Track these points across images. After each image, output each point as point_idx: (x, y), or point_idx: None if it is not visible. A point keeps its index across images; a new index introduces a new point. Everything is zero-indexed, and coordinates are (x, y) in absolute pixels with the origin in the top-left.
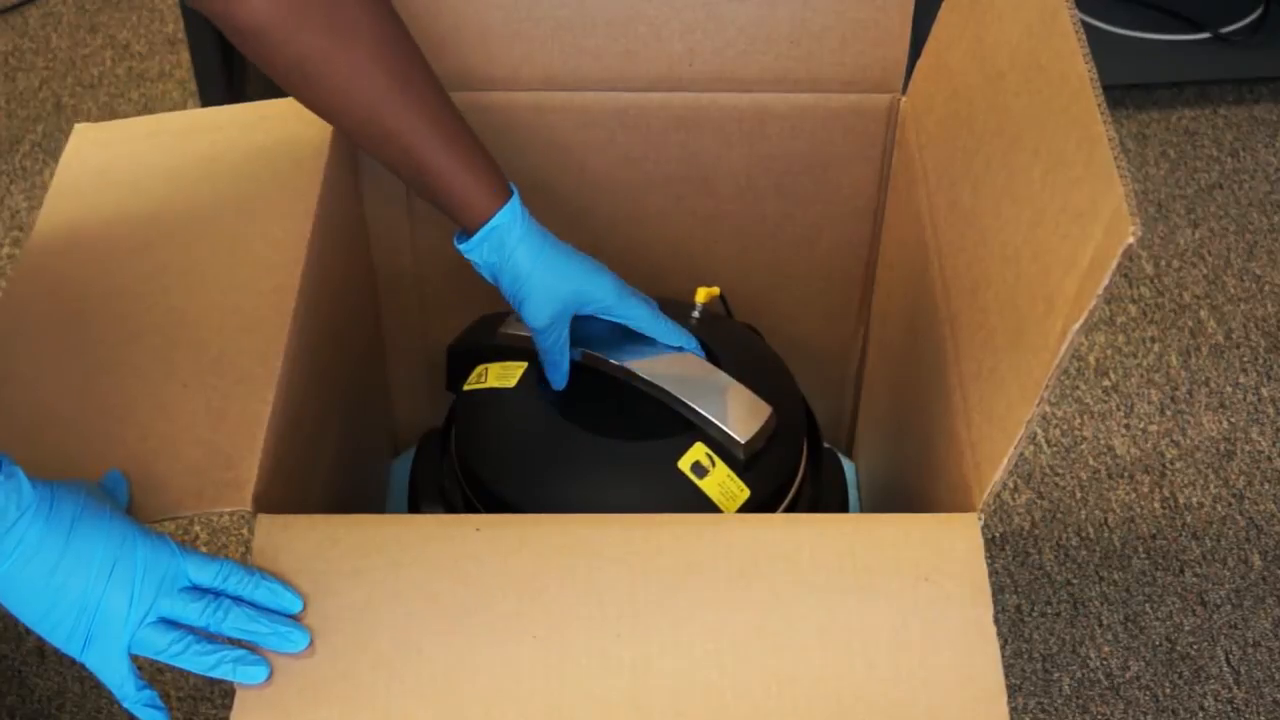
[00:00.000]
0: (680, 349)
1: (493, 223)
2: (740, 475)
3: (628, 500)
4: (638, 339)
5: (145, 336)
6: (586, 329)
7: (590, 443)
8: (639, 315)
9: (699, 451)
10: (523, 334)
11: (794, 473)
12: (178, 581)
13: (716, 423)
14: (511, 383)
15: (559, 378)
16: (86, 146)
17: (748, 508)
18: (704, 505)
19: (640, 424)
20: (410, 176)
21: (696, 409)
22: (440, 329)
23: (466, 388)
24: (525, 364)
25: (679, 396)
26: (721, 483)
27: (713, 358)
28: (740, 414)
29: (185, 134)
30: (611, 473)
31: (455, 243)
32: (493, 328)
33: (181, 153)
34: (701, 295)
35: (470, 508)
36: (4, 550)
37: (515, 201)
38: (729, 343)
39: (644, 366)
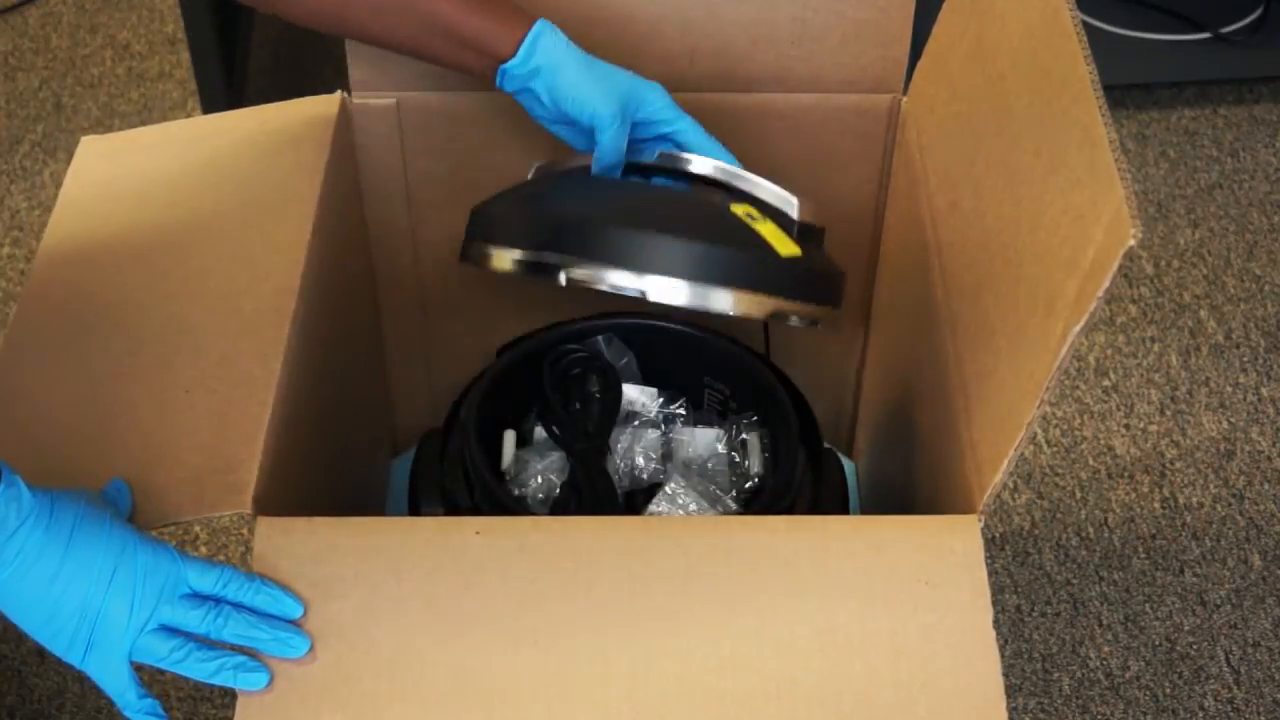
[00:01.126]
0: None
1: (533, 33)
2: (791, 237)
3: (686, 229)
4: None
5: (148, 345)
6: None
7: (646, 190)
8: (690, 128)
9: (750, 207)
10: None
11: (842, 278)
12: (178, 588)
13: (768, 194)
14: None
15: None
16: (92, 159)
17: (801, 266)
18: (757, 245)
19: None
20: (429, 41)
21: (750, 183)
22: (440, 329)
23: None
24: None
25: (730, 178)
26: (773, 231)
27: None
28: (790, 199)
29: (188, 142)
30: (668, 210)
31: (497, 84)
32: None
33: (184, 160)
34: None
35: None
36: (4, 559)
37: (547, 23)
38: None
39: (697, 163)
